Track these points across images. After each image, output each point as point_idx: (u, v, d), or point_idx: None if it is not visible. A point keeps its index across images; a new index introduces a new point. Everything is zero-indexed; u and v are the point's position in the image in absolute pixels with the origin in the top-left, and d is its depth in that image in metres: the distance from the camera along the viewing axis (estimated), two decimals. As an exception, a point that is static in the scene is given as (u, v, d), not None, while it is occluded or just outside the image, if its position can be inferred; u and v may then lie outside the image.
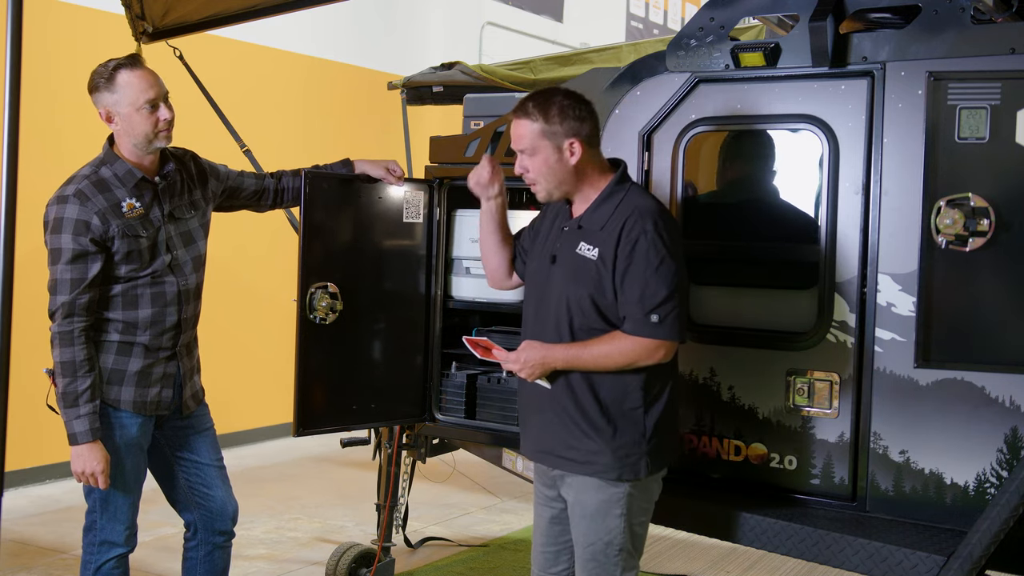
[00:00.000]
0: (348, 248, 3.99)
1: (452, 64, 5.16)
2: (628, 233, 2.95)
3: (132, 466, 3.33)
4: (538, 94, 3.10)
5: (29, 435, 6.05)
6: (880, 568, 3.16)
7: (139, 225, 3.26)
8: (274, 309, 7.33)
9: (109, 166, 3.28)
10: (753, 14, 3.76)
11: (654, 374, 3.02)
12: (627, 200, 3.03)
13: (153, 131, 3.24)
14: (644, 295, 2.93)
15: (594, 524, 3.04)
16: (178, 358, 3.40)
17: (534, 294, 3.18)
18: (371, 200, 4.04)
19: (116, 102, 3.23)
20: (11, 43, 2.74)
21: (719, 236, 3.76)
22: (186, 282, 3.38)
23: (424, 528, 5.66)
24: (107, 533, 3.32)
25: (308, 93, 8.07)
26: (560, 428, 3.05)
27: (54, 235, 3.19)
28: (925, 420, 3.29)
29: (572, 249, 3.05)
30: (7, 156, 2.71)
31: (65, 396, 3.18)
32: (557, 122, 3.00)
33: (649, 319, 2.93)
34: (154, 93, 3.23)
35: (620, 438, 3.00)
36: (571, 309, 3.03)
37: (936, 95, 3.24)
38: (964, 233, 3.19)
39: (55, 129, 6.33)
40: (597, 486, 3.02)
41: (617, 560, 3.05)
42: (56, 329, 3.18)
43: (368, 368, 4.07)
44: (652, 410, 3.03)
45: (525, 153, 3.06)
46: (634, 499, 3.04)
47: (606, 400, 3.01)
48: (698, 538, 4.51)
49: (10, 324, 2.75)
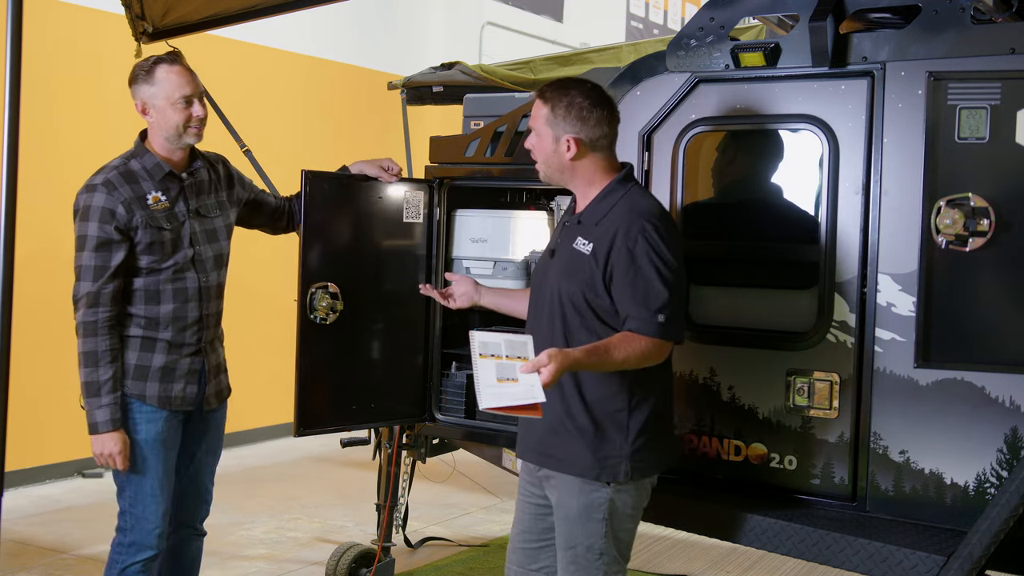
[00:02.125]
0: (348, 248, 4.00)
1: (452, 64, 5.16)
2: (627, 232, 2.94)
3: (159, 465, 3.34)
4: (562, 81, 3.14)
5: (29, 435, 6.06)
6: (880, 568, 3.15)
7: (163, 218, 3.32)
8: (274, 309, 7.33)
9: (139, 159, 3.36)
10: (753, 14, 3.76)
11: (641, 378, 2.99)
12: (626, 199, 3.04)
13: (184, 125, 3.33)
14: (649, 295, 2.92)
15: (576, 527, 3.03)
16: (203, 354, 3.43)
17: (535, 287, 3.21)
18: (371, 200, 4.04)
19: (153, 95, 3.32)
20: (11, 43, 2.73)
21: (719, 236, 3.76)
22: (207, 279, 3.42)
23: (424, 528, 5.66)
24: (135, 535, 3.33)
25: (308, 93, 8.07)
26: (546, 427, 3.05)
27: (82, 222, 3.26)
28: (925, 420, 3.29)
29: (570, 243, 3.06)
30: (7, 156, 2.71)
31: (88, 386, 3.24)
32: (561, 115, 3.02)
33: (657, 318, 2.91)
34: (189, 90, 3.33)
35: (602, 440, 2.99)
36: (563, 303, 3.03)
37: (936, 95, 3.24)
38: (964, 233, 3.19)
39: (54, 129, 6.33)
40: (580, 488, 3.01)
41: (599, 564, 3.02)
42: (81, 319, 3.25)
43: (368, 368, 4.07)
44: (636, 414, 3.00)
45: (533, 131, 3.11)
46: (617, 504, 3.01)
47: (592, 401, 3.00)
48: (698, 538, 4.51)
49: (10, 324, 2.75)
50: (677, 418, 3.68)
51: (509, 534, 3.31)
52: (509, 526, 3.36)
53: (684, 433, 3.68)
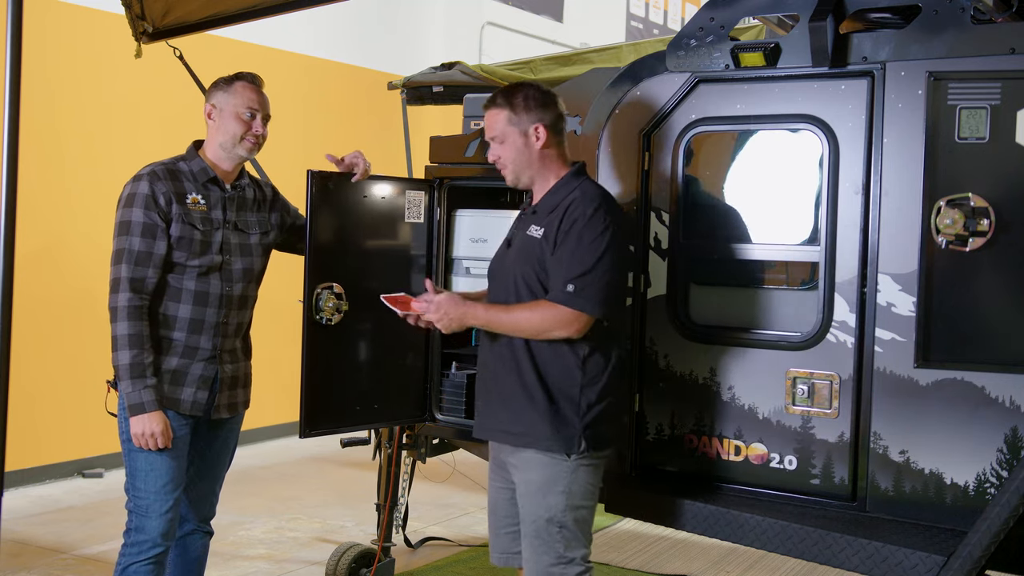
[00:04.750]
0: (353, 248, 3.99)
1: (452, 64, 5.16)
2: (570, 214, 3.13)
3: (166, 463, 3.34)
4: (507, 86, 3.35)
5: (29, 435, 6.07)
6: (880, 568, 3.15)
7: (198, 219, 3.39)
8: (274, 309, 7.32)
9: (186, 162, 3.47)
10: (753, 14, 3.75)
11: (594, 357, 3.16)
12: (579, 189, 3.21)
13: (241, 136, 3.44)
14: (567, 267, 3.09)
15: (537, 500, 3.16)
16: (218, 362, 3.44)
17: (493, 276, 3.38)
18: (374, 200, 4.03)
19: (223, 101, 3.46)
20: (11, 43, 2.74)
21: (719, 236, 3.75)
22: (231, 288, 3.46)
23: (424, 528, 5.66)
24: (141, 533, 3.34)
25: (308, 93, 8.07)
26: (504, 406, 3.21)
27: (126, 208, 3.33)
28: (925, 420, 3.29)
29: (524, 231, 3.24)
30: (7, 156, 2.71)
31: (133, 367, 3.26)
32: (522, 109, 3.21)
33: (566, 288, 3.07)
34: (257, 106, 3.48)
35: (556, 412, 3.13)
36: (518, 286, 3.21)
37: (936, 95, 3.24)
38: (964, 233, 3.19)
39: (55, 129, 6.34)
40: (540, 462, 3.15)
41: (559, 537, 3.15)
42: (125, 303, 3.26)
43: (372, 368, 4.07)
44: (588, 390, 3.14)
45: (496, 140, 3.27)
46: (576, 478, 3.15)
47: (547, 377, 3.15)
48: (698, 538, 4.50)
49: (10, 324, 2.75)
50: (677, 418, 3.69)
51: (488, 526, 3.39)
52: (509, 526, 3.38)
53: (684, 433, 3.68)
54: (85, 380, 5.98)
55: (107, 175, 6.02)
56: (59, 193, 6.40)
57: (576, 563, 3.17)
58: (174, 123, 6.34)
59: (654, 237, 3.72)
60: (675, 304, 3.69)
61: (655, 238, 3.72)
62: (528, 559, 3.22)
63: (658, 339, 3.71)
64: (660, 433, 3.73)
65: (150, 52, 4.50)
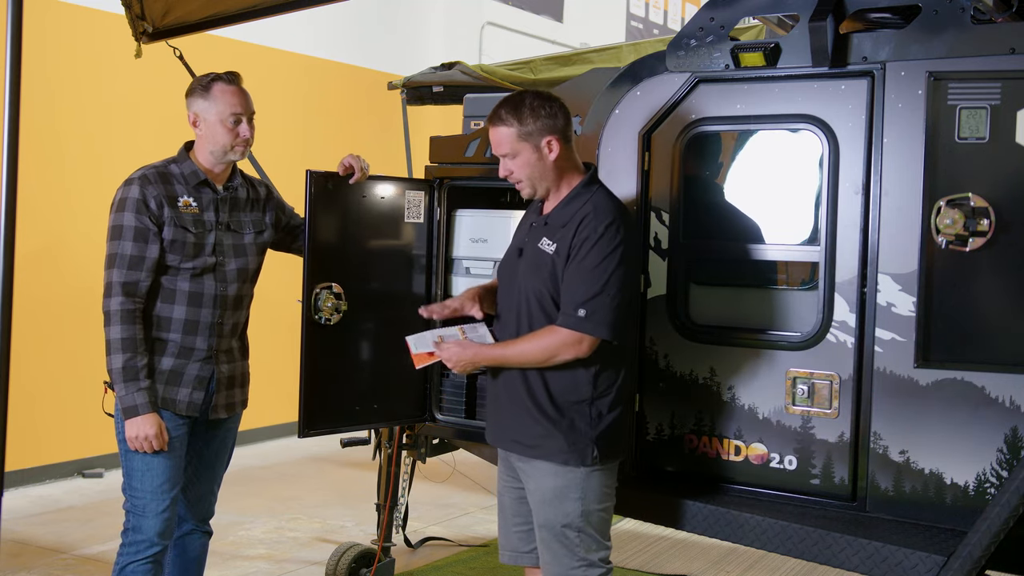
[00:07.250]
0: (352, 248, 3.99)
1: (452, 64, 5.16)
2: (582, 231, 3.08)
3: (162, 463, 3.34)
4: (507, 100, 3.22)
5: (29, 435, 6.07)
6: (880, 568, 3.16)
7: (190, 221, 3.39)
8: (273, 309, 7.32)
9: (178, 164, 3.46)
10: (753, 14, 3.75)
11: (604, 372, 3.14)
12: (591, 202, 3.15)
13: (231, 144, 3.42)
14: (577, 290, 3.06)
15: (551, 507, 3.15)
16: (214, 362, 3.44)
17: (503, 285, 3.33)
18: (374, 200, 4.03)
19: (205, 110, 3.41)
20: (11, 43, 2.74)
21: (719, 236, 3.76)
22: (225, 289, 3.46)
23: (424, 528, 5.66)
24: (138, 533, 3.35)
25: (308, 93, 8.07)
26: (514, 416, 3.20)
27: (117, 213, 3.33)
28: (925, 420, 3.29)
29: (536, 243, 3.19)
30: (7, 156, 2.71)
31: (126, 371, 3.26)
32: (531, 123, 3.12)
33: (576, 313, 3.05)
34: (240, 110, 3.42)
35: (568, 425, 3.12)
36: (529, 300, 3.17)
37: (936, 95, 3.24)
38: (964, 233, 3.19)
39: (54, 129, 6.34)
40: (553, 472, 3.13)
41: (577, 541, 3.14)
42: (118, 307, 3.27)
43: (371, 368, 4.07)
44: (599, 402, 3.13)
45: (507, 157, 3.19)
46: (590, 484, 3.13)
47: (556, 392, 3.13)
48: (698, 538, 4.50)
49: (10, 324, 2.75)
50: (677, 418, 3.69)
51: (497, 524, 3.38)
52: (509, 526, 3.38)
53: (684, 433, 3.68)
54: (85, 380, 5.98)
55: (107, 175, 6.00)
56: (59, 193, 6.40)
57: (596, 565, 3.16)
58: (174, 123, 6.31)
59: (654, 237, 3.72)
60: (675, 304, 3.69)
61: (655, 238, 3.72)
62: (548, 563, 3.19)
63: (658, 339, 3.71)
64: (660, 433, 3.73)
65: (150, 52, 4.50)
